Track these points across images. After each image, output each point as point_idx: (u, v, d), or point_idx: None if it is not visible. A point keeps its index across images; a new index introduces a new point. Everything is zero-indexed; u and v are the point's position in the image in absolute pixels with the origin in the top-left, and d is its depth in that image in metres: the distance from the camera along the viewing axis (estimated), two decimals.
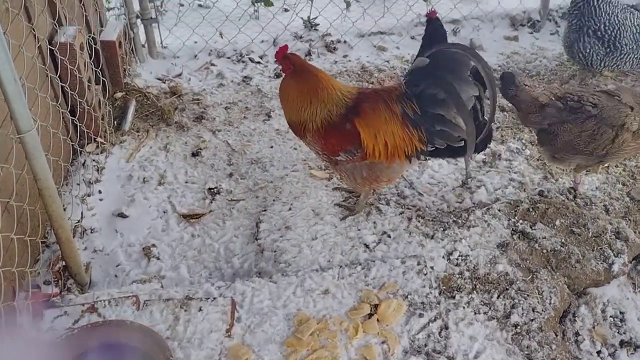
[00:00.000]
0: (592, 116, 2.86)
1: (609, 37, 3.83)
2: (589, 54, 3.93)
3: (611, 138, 2.81)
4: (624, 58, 3.85)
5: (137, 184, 3.28)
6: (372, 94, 2.74)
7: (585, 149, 2.91)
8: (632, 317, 2.82)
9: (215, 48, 4.41)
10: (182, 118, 3.79)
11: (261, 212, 3.10)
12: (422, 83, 2.64)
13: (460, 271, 2.75)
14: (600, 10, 3.86)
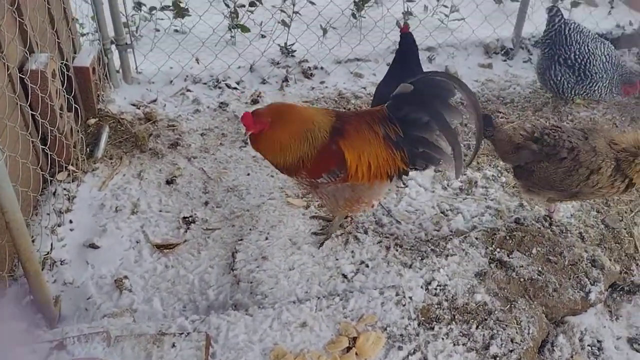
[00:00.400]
0: (569, 158, 2.88)
1: (579, 65, 3.91)
2: (560, 82, 4.00)
3: (586, 175, 2.84)
4: (593, 86, 3.93)
5: (109, 213, 3.20)
6: (354, 116, 2.72)
7: (559, 185, 2.92)
8: (609, 345, 2.83)
9: (191, 74, 4.37)
10: (157, 144, 3.74)
11: (237, 242, 3.05)
12: (405, 107, 2.63)
13: (438, 301, 2.73)
14: (571, 39, 3.95)
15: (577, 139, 2.88)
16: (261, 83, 4.42)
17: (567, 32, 3.96)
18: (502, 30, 4.81)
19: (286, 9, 4.55)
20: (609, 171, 2.79)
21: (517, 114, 4.19)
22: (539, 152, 2.94)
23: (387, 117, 2.66)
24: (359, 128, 2.63)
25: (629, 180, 2.80)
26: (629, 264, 3.11)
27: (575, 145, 2.87)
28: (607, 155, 2.80)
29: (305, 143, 2.56)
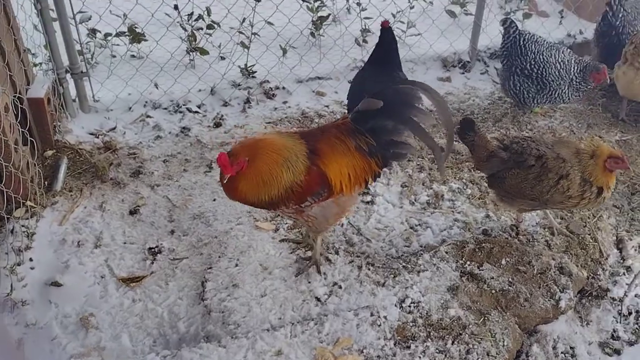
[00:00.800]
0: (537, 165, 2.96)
1: (537, 74, 4.01)
2: (520, 92, 4.09)
3: (555, 180, 2.90)
4: (553, 94, 4.03)
5: (71, 249, 3.09)
6: (320, 133, 2.69)
7: (531, 192, 2.98)
8: (582, 351, 2.87)
9: (150, 99, 4.30)
10: (118, 174, 3.64)
11: (206, 270, 2.98)
12: (370, 120, 2.65)
13: (413, 319, 2.72)
14: (526, 49, 4.05)
15: (546, 147, 2.97)
16: (223, 105, 4.37)
17: (521, 43, 4.05)
18: (458, 43, 4.90)
19: (245, 31, 4.53)
20: (577, 179, 2.85)
21: (478, 125, 4.25)
22: (508, 160, 3.02)
23: (354, 130, 2.66)
24: (331, 144, 2.63)
25: (596, 187, 2.86)
26: (595, 269, 3.17)
27: (543, 153, 2.95)
28: (572, 162, 2.88)
29: (287, 172, 2.49)
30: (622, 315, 3.00)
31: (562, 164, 2.88)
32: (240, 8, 4.49)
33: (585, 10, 5.27)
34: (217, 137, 4.01)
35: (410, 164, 3.83)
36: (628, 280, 3.13)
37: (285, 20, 4.52)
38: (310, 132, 2.77)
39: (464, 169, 3.80)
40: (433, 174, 3.73)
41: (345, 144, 2.63)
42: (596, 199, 2.89)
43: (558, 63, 4.00)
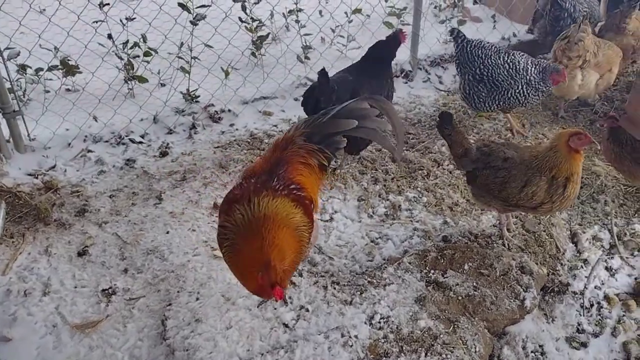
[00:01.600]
0: (504, 168, 3.00)
1: (487, 78, 4.08)
2: (471, 96, 4.16)
3: (519, 188, 2.93)
4: (506, 94, 4.10)
5: (17, 299, 2.88)
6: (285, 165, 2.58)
7: (499, 195, 3.01)
8: (550, 348, 2.90)
9: (90, 133, 4.11)
10: (62, 214, 3.45)
11: (166, 308, 2.84)
12: (316, 136, 2.66)
13: (384, 335, 2.68)
14: (473, 55, 4.13)
15: (514, 152, 3.03)
16: (168, 133, 4.24)
17: (469, 50, 4.13)
18: (399, 54, 4.93)
19: (184, 56, 4.43)
20: (542, 184, 2.89)
21: (426, 133, 4.30)
22: (477, 159, 3.08)
23: (313, 149, 2.65)
24: (301, 172, 2.60)
25: (562, 181, 2.88)
26: (554, 265, 3.22)
27: (510, 156, 3.00)
28: (531, 166, 2.92)
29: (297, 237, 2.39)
30: (585, 308, 3.06)
31: (526, 170, 2.92)
32: (177, 33, 4.39)
33: (516, 14, 5.46)
34: (165, 166, 3.87)
35: (365, 176, 3.81)
36: (586, 272, 3.20)
37: (224, 42, 4.45)
38: (275, 167, 2.58)
39: (418, 177, 3.82)
40: (388, 185, 3.73)
41: (310, 166, 2.62)
42: (563, 193, 2.89)
43: (507, 64, 4.08)
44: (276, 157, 2.62)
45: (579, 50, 4.14)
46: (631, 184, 3.74)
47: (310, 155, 2.65)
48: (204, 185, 3.67)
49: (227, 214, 2.37)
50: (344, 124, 2.65)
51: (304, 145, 2.65)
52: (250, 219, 2.30)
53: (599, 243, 3.38)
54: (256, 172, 2.58)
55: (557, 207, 2.96)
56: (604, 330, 2.98)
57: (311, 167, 2.64)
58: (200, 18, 4.33)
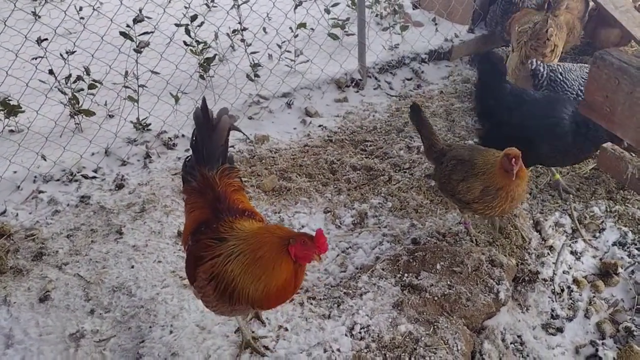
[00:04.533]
0: (452, 163, 3.13)
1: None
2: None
3: (458, 180, 3.05)
4: None
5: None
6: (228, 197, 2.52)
7: (445, 187, 3.17)
8: (528, 337, 2.94)
9: (40, 173, 3.95)
10: (18, 260, 3.29)
11: (139, 345, 2.74)
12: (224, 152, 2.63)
13: (366, 344, 2.66)
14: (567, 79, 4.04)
15: (472, 153, 3.08)
16: (122, 165, 4.12)
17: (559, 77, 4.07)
18: (348, 64, 5.00)
19: (130, 84, 4.33)
20: (477, 185, 2.96)
21: (383, 139, 4.33)
22: (437, 155, 3.24)
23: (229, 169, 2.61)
24: (239, 199, 2.56)
25: (492, 189, 2.93)
26: (522, 255, 3.28)
27: (462, 156, 3.09)
28: (478, 168, 2.99)
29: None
30: (556, 293, 3.12)
31: (469, 169, 3.01)
32: (122, 62, 4.29)
33: (456, 15, 5.59)
34: (122, 199, 3.75)
35: (328, 188, 3.80)
36: (553, 259, 3.27)
37: (171, 67, 4.38)
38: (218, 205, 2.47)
39: (380, 183, 3.83)
40: (352, 194, 3.73)
41: (236, 189, 2.60)
42: (492, 202, 2.93)
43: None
44: (209, 201, 2.49)
45: (551, 45, 4.25)
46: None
47: (230, 177, 2.59)
48: (166, 214, 3.58)
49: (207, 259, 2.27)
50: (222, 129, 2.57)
51: (220, 174, 2.56)
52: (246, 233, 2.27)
53: (562, 229, 3.47)
54: (200, 224, 2.45)
55: (489, 213, 3.00)
56: (577, 313, 3.04)
57: (239, 190, 2.60)
58: (144, 45, 4.24)
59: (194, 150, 2.59)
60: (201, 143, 2.55)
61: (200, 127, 2.56)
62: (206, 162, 2.54)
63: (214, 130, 2.55)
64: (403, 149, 4.18)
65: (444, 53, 5.36)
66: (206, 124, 2.55)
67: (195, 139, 2.59)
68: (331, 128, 4.51)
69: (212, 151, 2.55)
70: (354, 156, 4.13)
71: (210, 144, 2.55)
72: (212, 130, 2.54)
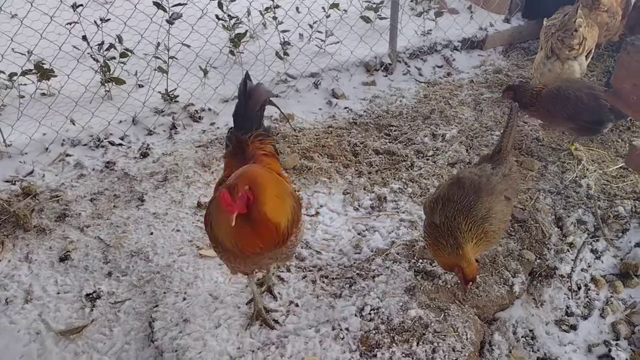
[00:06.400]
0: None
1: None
2: None
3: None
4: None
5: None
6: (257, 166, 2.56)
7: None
8: (540, 332, 2.90)
9: (68, 137, 4.03)
10: (42, 220, 3.38)
11: (152, 309, 2.79)
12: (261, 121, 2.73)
13: (375, 326, 2.66)
14: None
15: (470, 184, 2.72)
16: (148, 134, 4.17)
17: None
18: (378, 47, 4.95)
19: (161, 55, 4.36)
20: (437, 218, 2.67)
21: (408, 125, 4.29)
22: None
23: (263, 136, 2.67)
24: (267, 162, 2.58)
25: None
26: (541, 250, 3.23)
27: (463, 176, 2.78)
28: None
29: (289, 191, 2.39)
30: (572, 291, 3.07)
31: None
32: (153, 32, 4.32)
33: (492, 4, 5.48)
34: (146, 167, 3.81)
35: (349, 170, 3.79)
36: (572, 256, 3.22)
37: (201, 41, 4.40)
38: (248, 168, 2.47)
39: (401, 168, 3.81)
40: (373, 178, 3.71)
41: (267, 155, 2.63)
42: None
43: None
44: (239, 161, 2.53)
45: (579, 37, 4.12)
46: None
47: (263, 143, 2.66)
48: (187, 185, 3.62)
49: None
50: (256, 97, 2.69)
51: (254, 138, 2.64)
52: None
53: (584, 226, 3.40)
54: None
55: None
56: (592, 312, 3.00)
57: (271, 157, 2.65)
58: (177, 17, 4.27)
59: (233, 117, 2.72)
60: (238, 109, 2.70)
61: (240, 95, 2.71)
62: (241, 127, 2.67)
63: (249, 97, 2.68)
64: (428, 136, 4.14)
65: (477, 42, 5.27)
66: (244, 92, 2.69)
67: (235, 107, 2.73)
68: (357, 111, 4.48)
69: (247, 117, 2.68)
70: (377, 140, 4.11)
71: (246, 111, 2.68)
72: (248, 98, 2.68)
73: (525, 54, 5.34)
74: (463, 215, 2.58)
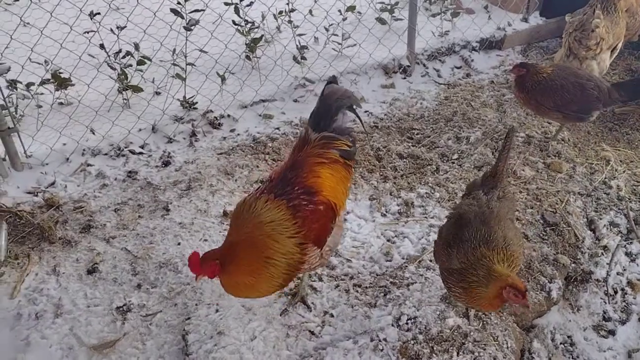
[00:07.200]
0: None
1: None
2: None
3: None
4: None
5: (29, 323, 2.77)
6: (299, 168, 2.54)
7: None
8: (579, 338, 2.86)
9: (88, 147, 3.99)
10: (67, 232, 3.34)
11: (185, 322, 2.75)
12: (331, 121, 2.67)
13: (413, 336, 2.61)
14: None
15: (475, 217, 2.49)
16: (168, 142, 4.14)
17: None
18: (396, 49, 4.90)
19: (178, 62, 4.33)
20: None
21: (430, 128, 4.24)
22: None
23: (328, 140, 2.61)
24: (316, 173, 2.52)
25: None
26: (575, 254, 3.18)
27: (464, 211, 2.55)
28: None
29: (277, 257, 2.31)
30: (609, 295, 3.02)
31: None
32: (170, 39, 4.29)
33: (510, 3, 5.42)
34: (169, 176, 3.77)
35: (374, 175, 3.75)
36: (607, 259, 3.17)
37: (218, 47, 4.36)
38: (284, 177, 2.52)
39: (427, 172, 3.76)
40: (398, 182, 3.66)
41: (325, 163, 2.55)
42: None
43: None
44: (292, 161, 2.58)
45: (596, 37, 4.08)
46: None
47: (327, 147, 2.58)
48: (211, 194, 3.58)
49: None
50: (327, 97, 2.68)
51: (318, 141, 2.60)
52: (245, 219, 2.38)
53: (616, 229, 3.35)
54: (272, 178, 2.52)
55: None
56: (630, 316, 2.95)
57: (331, 164, 2.56)
58: (194, 23, 4.23)
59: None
60: (315, 108, 2.71)
61: (320, 95, 2.74)
62: (313, 125, 2.66)
63: (323, 99, 2.69)
64: (451, 139, 4.09)
65: (496, 42, 5.22)
66: (322, 92, 2.72)
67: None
68: (377, 114, 4.44)
69: (319, 117, 2.67)
70: (400, 144, 4.06)
71: (317, 110, 2.68)
72: (322, 99, 2.70)
73: (544, 53, 5.29)
74: (485, 247, 2.34)
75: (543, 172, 3.72)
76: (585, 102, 3.71)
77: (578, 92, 3.70)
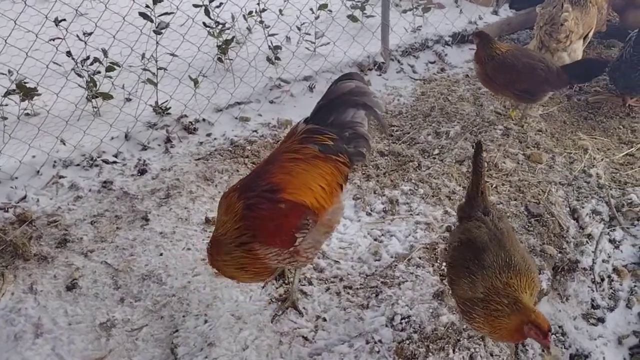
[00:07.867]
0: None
1: None
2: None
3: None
4: None
5: (7, 345, 2.65)
6: (268, 166, 2.53)
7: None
8: (569, 327, 2.87)
9: (59, 158, 3.84)
10: (42, 247, 3.20)
11: (173, 335, 2.67)
12: (332, 114, 2.62)
13: (408, 335, 2.58)
14: None
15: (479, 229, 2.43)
16: (142, 150, 4.01)
17: None
18: (370, 47, 4.87)
19: (149, 67, 4.21)
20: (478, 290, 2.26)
21: (409, 124, 4.23)
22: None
23: (311, 133, 2.56)
24: (286, 169, 2.46)
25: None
26: (561, 244, 3.20)
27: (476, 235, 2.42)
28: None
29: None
30: (596, 283, 3.05)
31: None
32: (140, 44, 4.17)
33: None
34: (146, 185, 3.66)
35: (356, 174, 3.71)
36: (592, 247, 3.19)
37: (190, 49, 4.26)
38: (258, 172, 2.55)
39: (409, 169, 3.73)
40: (381, 180, 3.63)
41: (301, 159, 2.49)
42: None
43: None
44: (271, 154, 2.61)
45: (565, 31, 4.14)
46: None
47: (305, 142, 2.53)
48: (192, 201, 3.48)
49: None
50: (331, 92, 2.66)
51: (299, 135, 2.56)
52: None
53: (599, 216, 3.39)
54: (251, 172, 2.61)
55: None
56: (618, 303, 2.98)
57: (309, 159, 2.50)
58: (164, 26, 4.12)
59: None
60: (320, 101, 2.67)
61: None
62: (309, 118, 2.65)
63: (327, 94, 2.68)
64: (431, 134, 4.08)
65: (468, 36, 5.24)
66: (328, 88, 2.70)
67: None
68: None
69: (315, 110, 2.65)
70: (380, 142, 4.03)
71: (319, 105, 2.67)
72: (326, 94, 2.68)
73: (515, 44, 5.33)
74: (508, 272, 2.23)
75: (524, 164, 3.74)
76: (534, 82, 3.83)
77: (527, 71, 3.82)
